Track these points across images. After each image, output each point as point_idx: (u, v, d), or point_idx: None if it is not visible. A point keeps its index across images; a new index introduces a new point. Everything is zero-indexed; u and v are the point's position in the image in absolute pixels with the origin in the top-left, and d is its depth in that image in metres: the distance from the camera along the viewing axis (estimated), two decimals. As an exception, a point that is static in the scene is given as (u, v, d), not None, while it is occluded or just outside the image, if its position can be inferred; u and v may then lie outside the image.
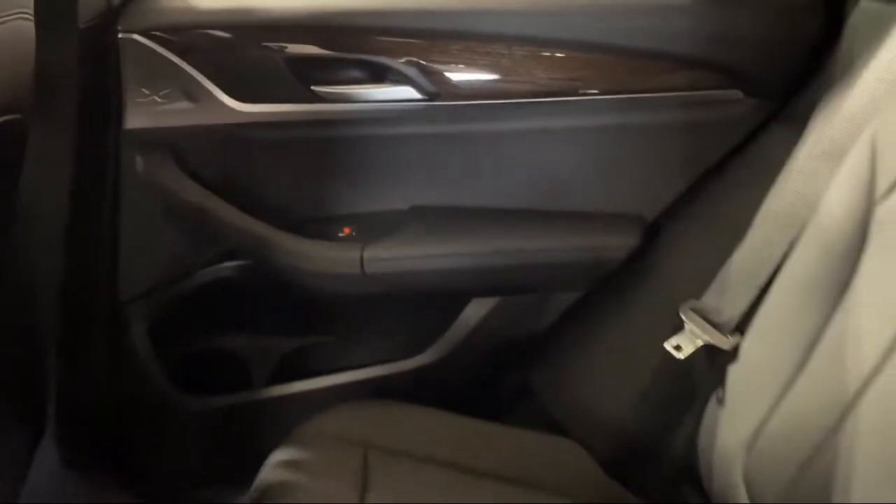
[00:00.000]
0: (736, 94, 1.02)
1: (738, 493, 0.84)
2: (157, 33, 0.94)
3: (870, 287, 0.76)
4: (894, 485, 0.67)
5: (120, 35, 0.93)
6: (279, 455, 0.95)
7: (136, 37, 0.93)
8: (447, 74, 0.98)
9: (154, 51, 0.94)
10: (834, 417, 0.74)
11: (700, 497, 0.94)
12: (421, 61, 0.97)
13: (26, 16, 0.73)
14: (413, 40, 0.97)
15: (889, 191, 0.76)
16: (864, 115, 0.82)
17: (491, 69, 0.99)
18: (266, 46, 0.96)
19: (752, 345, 0.89)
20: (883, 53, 0.87)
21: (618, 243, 1.06)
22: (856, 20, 0.96)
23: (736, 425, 0.87)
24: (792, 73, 1.00)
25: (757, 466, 0.83)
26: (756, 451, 0.83)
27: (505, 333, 1.14)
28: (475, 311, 1.12)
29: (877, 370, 0.72)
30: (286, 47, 0.96)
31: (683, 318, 0.95)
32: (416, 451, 0.99)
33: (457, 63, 0.98)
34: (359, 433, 0.98)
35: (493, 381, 1.19)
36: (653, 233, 1.07)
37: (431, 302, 1.13)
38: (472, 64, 0.98)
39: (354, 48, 0.97)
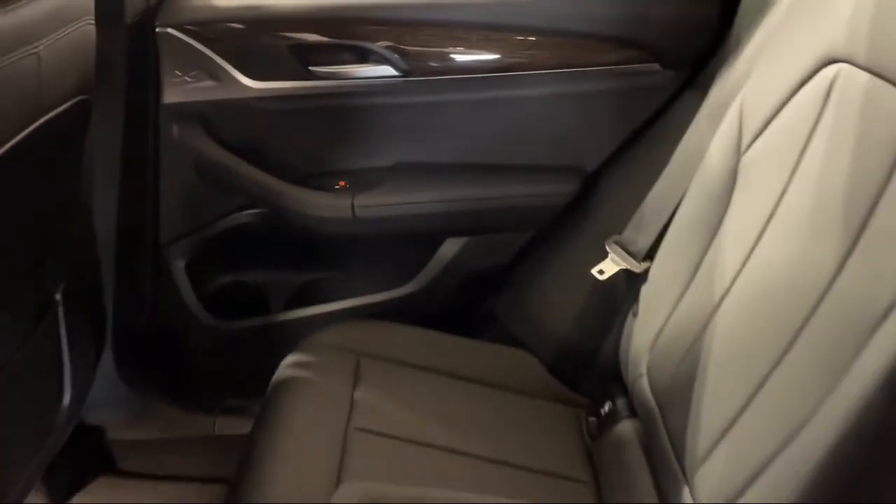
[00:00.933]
0: (655, 67, 1.23)
1: (643, 381, 1.07)
2: (187, 27, 1.16)
3: (733, 220, 0.98)
4: (737, 360, 0.88)
5: (157, 29, 1.15)
6: (290, 360, 1.18)
7: (170, 30, 1.15)
8: (418, 55, 1.20)
9: (184, 41, 1.16)
10: (704, 321, 0.96)
11: (621, 388, 1.16)
12: (397, 45, 1.19)
13: (91, 21, 0.95)
14: (390, 28, 1.18)
15: (750, 144, 0.97)
16: (738, 84, 1.03)
17: (454, 50, 1.21)
18: (273, 35, 1.18)
19: (657, 268, 1.11)
20: (758, 34, 1.07)
21: (561, 190, 1.28)
22: (746, 4, 1.15)
23: (644, 331, 1.09)
24: (699, 50, 1.20)
25: (656, 360, 1.05)
26: (655, 349, 1.05)
27: (473, 267, 1.36)
28: (449, 249, 1.35)
29: (732, 282, 0.93)
30: (288, 35, 1.18)
31: (608, 249, 1.17)
32: (399, 358, 1.22)
33: (426, 46, 1.20)
34: (353, 344, 1.21)
35: (465, 307, 1.41)
36: (590, 182, 1.29)
37: (413, 242, 1.35)
38: (438, 46, 1.20)
39: (343, 35, 1.19)
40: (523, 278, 1.34)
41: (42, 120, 0.87)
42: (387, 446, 1.05)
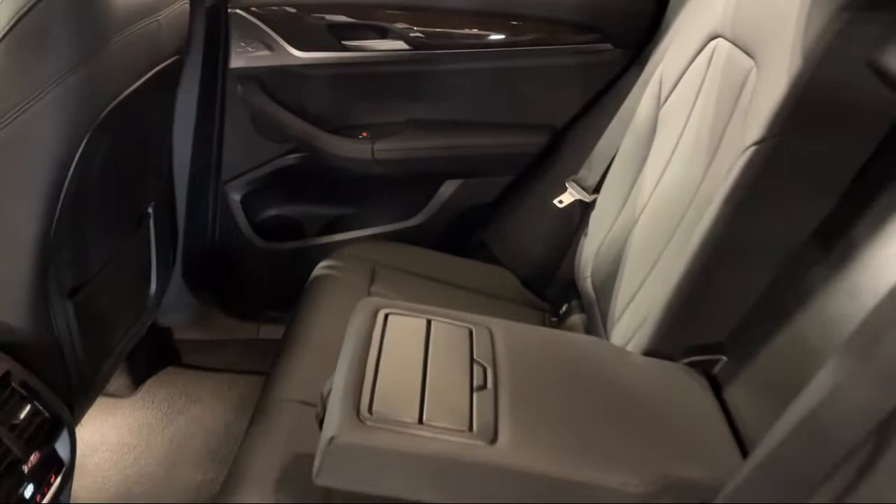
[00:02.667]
0: (607, 46, 1.55)
1: (587, 282, 1.38)
2: (252, 9, 1.49)
3: (653, 156, 1.29)
4: (644, 252, 1.18)
5: (229, 10, 1.48)
6: (321, 266, 1.51)
7: (239, 11, 1.48)
8: (425, 34, 1.52)
9: (249, 20, 1.49)
10: (628, 231, 1.27)
11: (576, 294, 1.47)
12: (409, 25, 1.52)
13: (187, 2, 1.29)
14: (404, 12, 1.51)
15: (665, 100, 1.28)
16: (661, 56, 1.35)
17: (452, 31, 1.54)
18: (315, 17, 1.51)
19: (601, 199, 1.42)
20: (679, 19, 1.38)
21: (535, 142, 1.60)
22: (674, -3, 1.47)
23: (590, 246, 1.40)
24: (641, 33, 1.52)
25: (597, 265, 1.36)
26: (597, 258, 1.36)
27: (466, 203, 1.68)
28: (447, 189, 1.67)
29: (648, 200, 1.25)
30: (326, 17, 1.51)
31: (567, 185, 1.49)
32: (406, 268, 1.53)
33: (431, 27, 1.52)
34: (370, 255, 1.52)
35: (459, 236, 1.72)
36: (557, 136, 1.61)
37: (418, 183, 1.67)
38: (440, 27, 1.53)
39: (368, 17, 1.52)
40: (504, 212, 1.67)
41: (155, 69, 1.21)
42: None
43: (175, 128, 1.52)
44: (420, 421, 0.78)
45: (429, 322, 0.96)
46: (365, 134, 1.61)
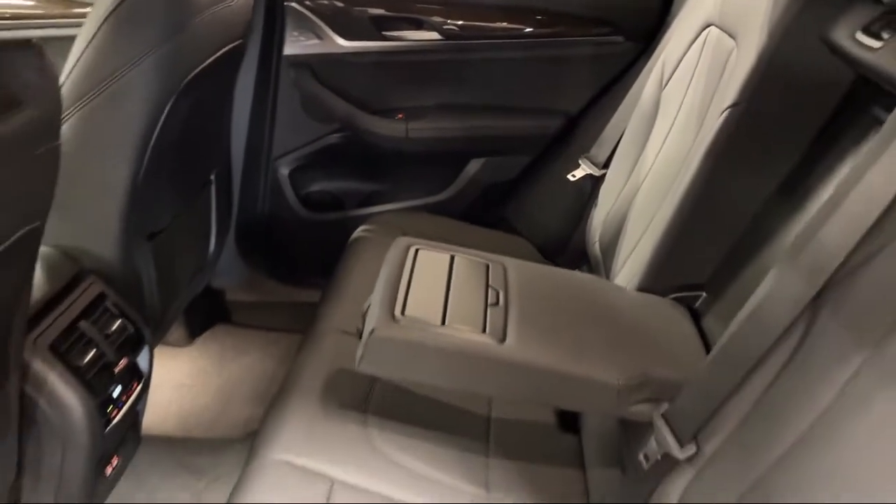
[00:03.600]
0: (619, 39, 1.71)
1: (596, 246, 1.54)
2: (305, 2, 1.68)
3: (654, 134, 1.44)
4: (644, 213, 1.34)
5: (285, 3, 1.67)
6: (357, 231, 1.68)
7: (293, 4, 1.67)
8: (455, 26, 1.70)
9: (302, 12, 1.68)
10: (631, 199, 1.42)
11: (586, 260, 1.62)
12: (442, 18, 1.69)
13: (252, -7, 1.48)
14: (437, 6, 1.69)
15: (666, 83, 1.44)
16: (665, 45, 1.50)
17: (480, 23, 1.71)
18: (358, 9, 1.69)
19: (610, 173, 1.58)
20: (682, 13, 1.54)
21: (552, 125, 1.77)
22: (680, -5, 1.62)
23: (599, 215, 1.56)
24: (649, 28, 1.67)
25: (604, 231, 1.51)
26: (604, 225, 1.52)
27: (489, 180, 1.85)
28: (472, 167, 1.84)
29: (648, 171, 1.40)
30: (368, 10, 1.69)
31: (580, 162, 1.65)
32: (431, 236, 1.70)
33: (461, 20, 1.70)
34: (399, 224, 1.69)
35: (482, 210, 1.90)
36: (572, 119, 1.77)
37: (446, 161, 1.85)
38: (469, 20, 1.70)
39: (405, 11, 1.70)
40: (523, 188, 1.83)
41: (224, 49, 1.39)
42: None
43: (234, 108, 1.72)
44: (443, 323, 0.95)
45: (452, 257, 1.13)
46: (401, 116, 1.79)
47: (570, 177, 1.63)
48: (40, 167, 0.72)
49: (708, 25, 1.31)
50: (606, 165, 1.60)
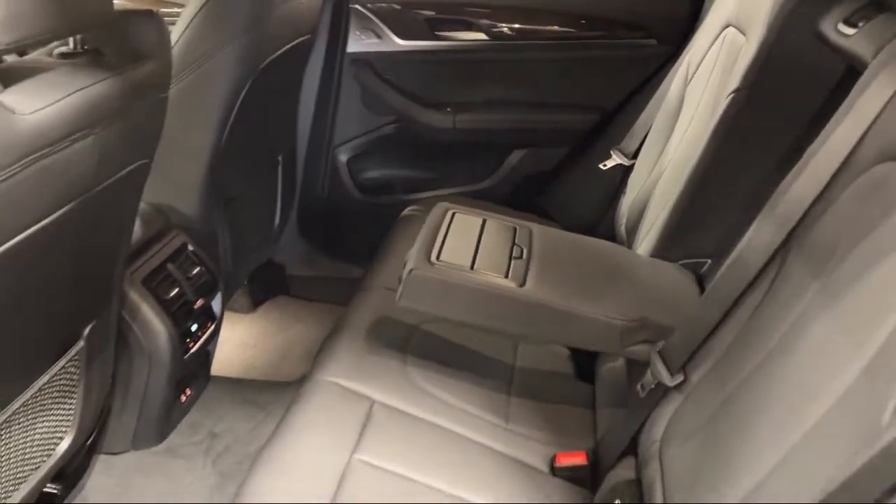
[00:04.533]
0: (652, 42, 1.84)
1: (622, 230, 1.66)
2: (367, 5, 1.86)
3: (677, 127, 1.57)
4: (665, 193, 1.46)
5: (349, 5, 1.86)
6: (408, 209, 1.84)
7: (356, 6, 1.86)
8: (501, 28, 1.86)
9: (364, 13, 1.86)
10: (654, 184, 1.55)
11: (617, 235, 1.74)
12: (489, 21, 1.85)
13: (320, -7, 1.67)
14: (485, 9, 1.85)
15: (690, 80, 1.56)
16: (691, 46, 1.63)
17: (524, 26, 1.86)
18: (414, 12, 1.87)
19: (638, 162, 1.71)
20: (709, 17, 1.66)
21: (589, 119, 1.91)
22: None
23: (627, 202, 1.68)
24: (680, 31, 1.80)
25: (629, 213, 1.63)
26: (630, 210, 1.64)
27: (529, 170, 1.99)
28: (514, 157, 1.99)
29: (669, 161, 1.52)
30: (423, 12, 1.86)
31: (612, 153, 1.78)
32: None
33: (506, 22, 1.86)
34: (448, 206, 1.86)
35: (521, 199, 2.03)
36: (607, 116, 1.90)
37: (490, 152, 2.00)
38: (514, 22, 1.86)
39: (456, 13, 1.86)
40: (559, 177, 1.97)
41: (295, 41, 1.58)
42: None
43: (301, 98, 1.91)
44: (471, 268, 1.10)
45: (484, 220, 1.28)
46: (449, 109, 1.95)
47: (601, 166, 1.77)
48: (154, 112, 0.90)
49: (727, 26, 1.43)
50: (635, 156, 1.73)
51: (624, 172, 1.77)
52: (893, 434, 0.59)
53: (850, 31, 0.96)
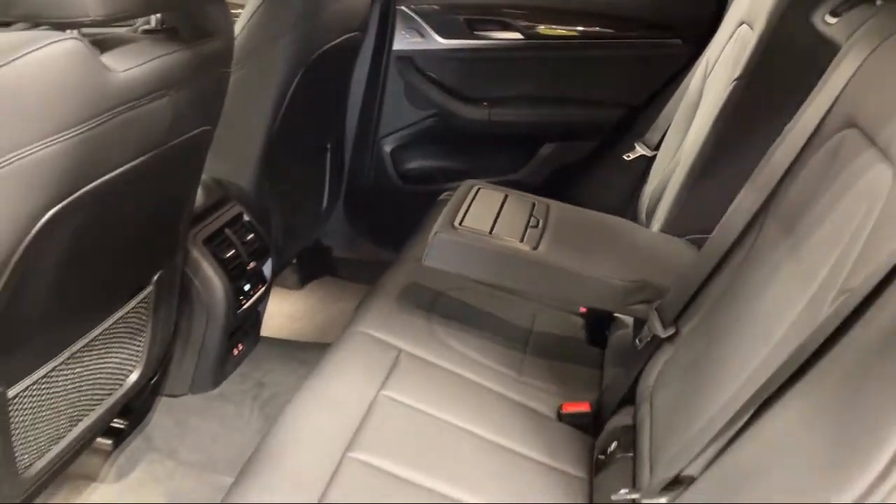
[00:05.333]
0: (678, 41, 1.93)
1: (643, 216, 1.75)
2: (411, 6, 2.01)
3: (696, 118, 1.66)
4: (678, 185, 1.56)
5: (396, 7, 2.00)
6: (444, 194, 1.97)
7: (402, 7, 2.00)
8: (534, 28, 1.98)
9: (409, 14, 2.01)
10: (672, 172, 1.64)
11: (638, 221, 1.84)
12: (525, 21, 1.98)
13: (369, -4, 1.81)
14: (521, 10, 1.97)
15: (708, 74, 1.65)
16: (708, 45, 1.72)
17: (557, 26, 1.98)
18: (454, 13, 2.00)
19: (661, 152, 1.80)
20: (730, 13, 1.75)
21: (616, 115, 2.01)
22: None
23: (650, 187, 1.78)
24: (704, 31, 1.89)
25: (650, 198, 1.73)
26: (652, 193, 1.73)
27: (559, 162, 2.10)
28: (545, 150, 2.11)
29: (686, 149, 1.62)
30: (461, 13, 1.99)
31: (636, 145, 1.88)
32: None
33: (539, 22, 1.98)
34: (474, 183, 1.97)
35: (551, 190, 2.14)
36: (634, 111, 2.00)
37: (522, 145, 2.12)
38: (547, 23, 1.98)
39: (493, 14, 1.99)
40: (587, 169, 2.07)
41: (344, 37, 1.73)
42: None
43: (350, 92, 2.06)
44: (490, 232, 1.22)
45: (506, 195, 1.39)
46: (485, 103, 2.08)
47: (625, 157, 1.86)
48: (218, 83, 1.05)
49: (741, 23, 1.52)
50: (658, 147, 1.82)
51: (647, 163, 1.86)
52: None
53: (833, 20, 1.05)
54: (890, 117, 0.77)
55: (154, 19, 0.93)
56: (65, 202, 0.80)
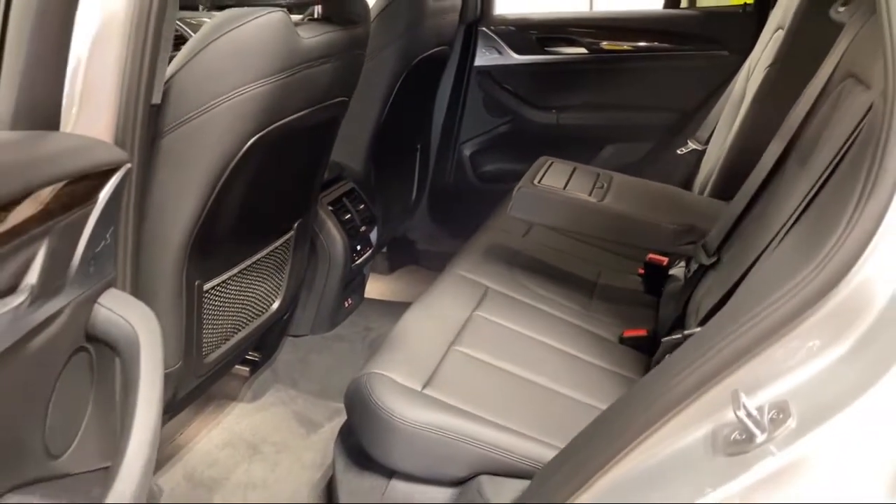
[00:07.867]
0: (725, 53, 2.18)
1: (693, 189, 1.99)
2: (490, 27, 2.31)
3: (741, 114, 1.89)
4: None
5: (478, 27, 2.32)
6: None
7: (483, 28, 2.31)
8: (597, 43, 2.26)
9: (488, 34, 2.32)
10: (720, 159, 1.88)
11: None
12: (588, 38, 2.26)
13: (456, 18, 2.13)
14: (587, 28, 2.26)
15: (748, 79, 1.90)
16: (749, 53, 1.96)
17: (619, 42, 2.25)
18: (527, 32, 2.30)
19: (710, 147, 2.03)
20: (769, 23, 1.99)
21: (670, 119, 2.26)
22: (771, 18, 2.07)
23: (702, 174, 2.01)
24: (748, 42, 2.13)
25: (702, 184, 1.96)
26: (703, 181, 1.97)
27: (621, 162, 2.35)
28: (606, 152, 2.36)
29: (728, 138, 1.85)
30: (535, 32, 2.29)
31: (689, 142, 2.12)
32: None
33: (603, 39, 2.25)
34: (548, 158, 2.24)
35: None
36: (686, 115, 2.24)
37: (585, 146, 2.37)
38: (609, 39, 2.25)
39: (562, 32, 2.28)
40: (645, 166, 2.31)
41: (434, 49, 2.03)
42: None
43: (437, 101, 2.37)
44: (563, 188, 1.48)
45: (574, 167, 1.66)
46: (554, 110, 2.36)
47: (678, 151, 2.11)
48: (357, 61, 1.36)
49: (778, 29, 1.77)
50: (707, 142, 2.06)
51: (699, 156, 2.10)
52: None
53: (843, 9, 1.29)
54: (874, 62, 1.00)
55: (316, 10, 1.25)
56: (260, 133, 1.10)
